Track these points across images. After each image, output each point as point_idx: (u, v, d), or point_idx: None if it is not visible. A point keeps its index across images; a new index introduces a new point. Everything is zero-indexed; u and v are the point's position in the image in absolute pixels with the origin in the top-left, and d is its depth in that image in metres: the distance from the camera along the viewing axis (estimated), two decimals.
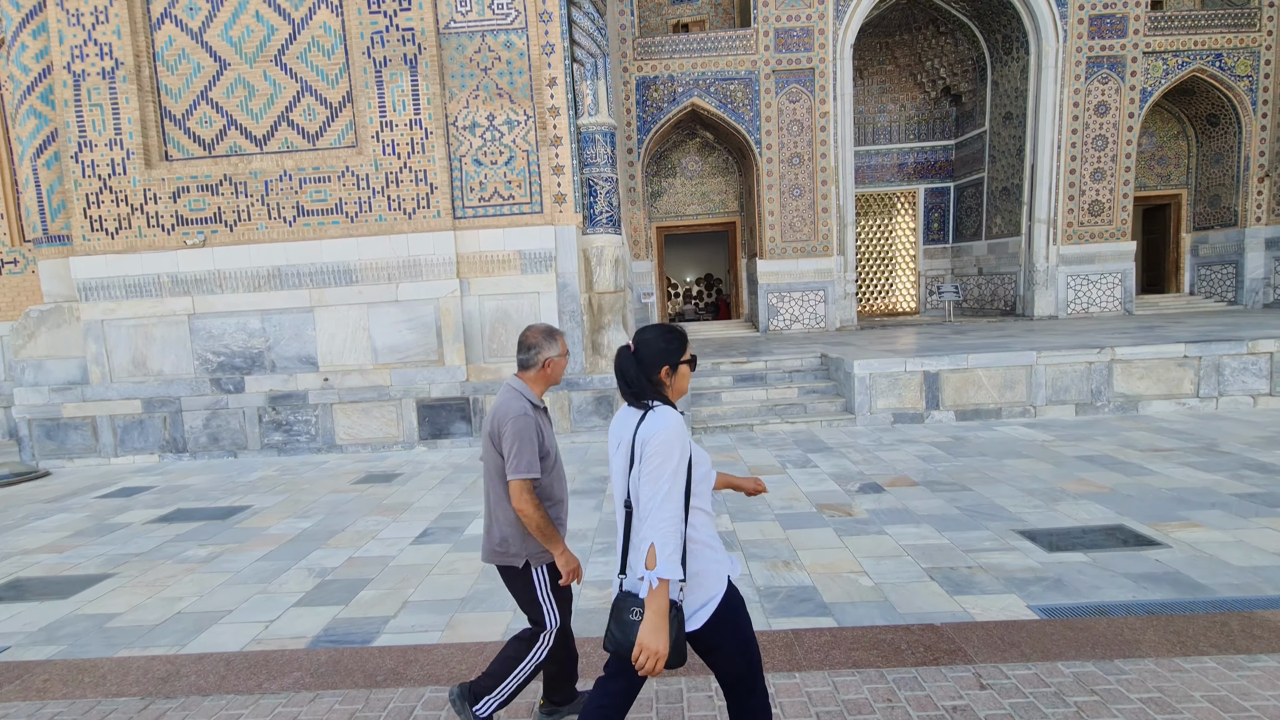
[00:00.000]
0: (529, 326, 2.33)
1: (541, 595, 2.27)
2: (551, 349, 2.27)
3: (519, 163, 7.91)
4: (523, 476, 2.09)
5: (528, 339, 2.27)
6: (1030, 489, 5.27)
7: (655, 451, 1.69)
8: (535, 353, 2.25)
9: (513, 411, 2.14)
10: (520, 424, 2.12)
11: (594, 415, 8.04)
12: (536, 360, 2.25)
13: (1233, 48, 14.82)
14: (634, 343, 1.87)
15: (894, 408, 8.16)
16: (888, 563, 3.97)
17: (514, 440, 2.11)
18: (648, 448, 1.71)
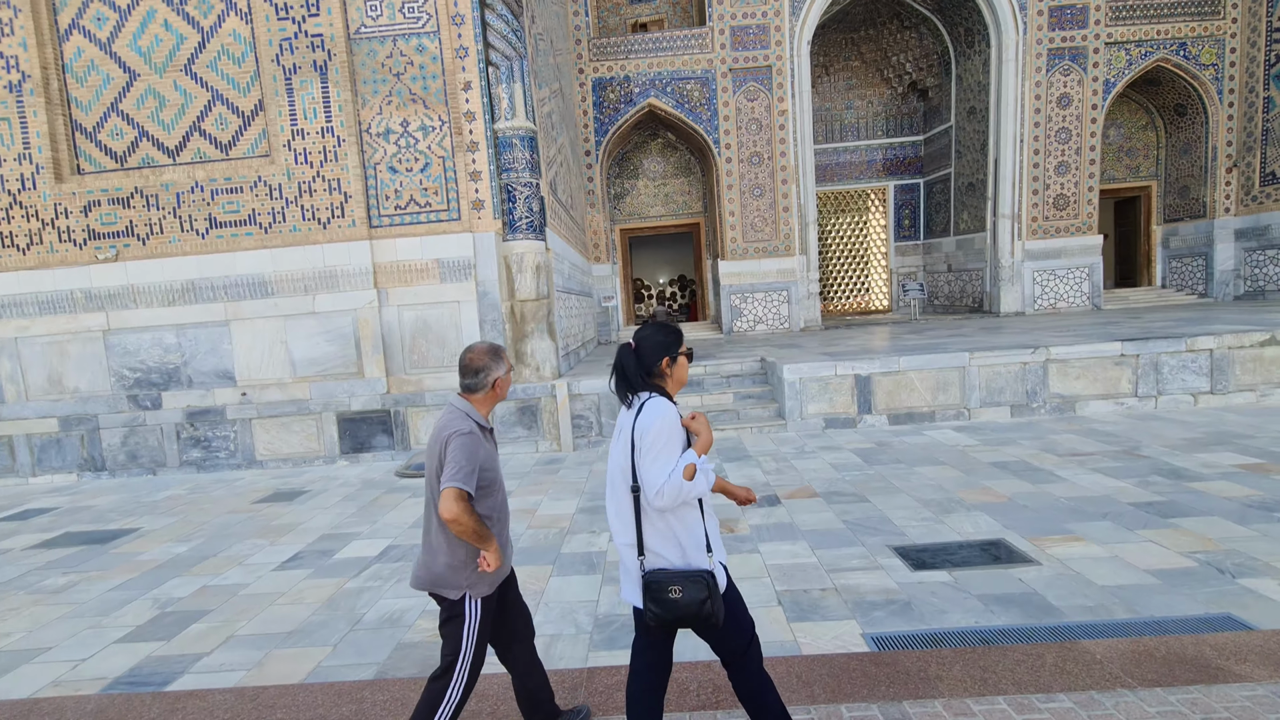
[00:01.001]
0: (470, 348, 2.25)
1: (466, 633, 2.14)
2: (499, 368, 2.22)
3: (435, 169, 7.73)
4: (458, 485, 2.00)
5: (474, 362, 2.20)
6: (929, 499, 5.08)
7: (654, 440, 1.87)
8: (484, 375, 2.19)
9: (458, 428, 2.09)
10: (466, 440, 2.06)
11: (517, 426, 7.86)
12: (486, 383, 2.20)
13: (1197, 36, 14.59)
14: (634, 340, 2.04)
15: (826, 413, 7.97)
16: (744, 586, 3.78)
17: (455, 453, 2.04)
18: (646, 437, 1.87)
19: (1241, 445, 5.97)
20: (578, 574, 4.13)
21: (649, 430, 1.90)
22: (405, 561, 4.56)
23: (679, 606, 1.89)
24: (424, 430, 7.88)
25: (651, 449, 1.89)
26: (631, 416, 1.98)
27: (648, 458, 1.88)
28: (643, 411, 1.94)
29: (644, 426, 1.91)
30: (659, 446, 1.89)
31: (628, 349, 2.04)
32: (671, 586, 1.89)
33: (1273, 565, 3.56)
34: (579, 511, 5.43)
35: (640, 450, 1.90)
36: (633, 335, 2.05)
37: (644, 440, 1.89)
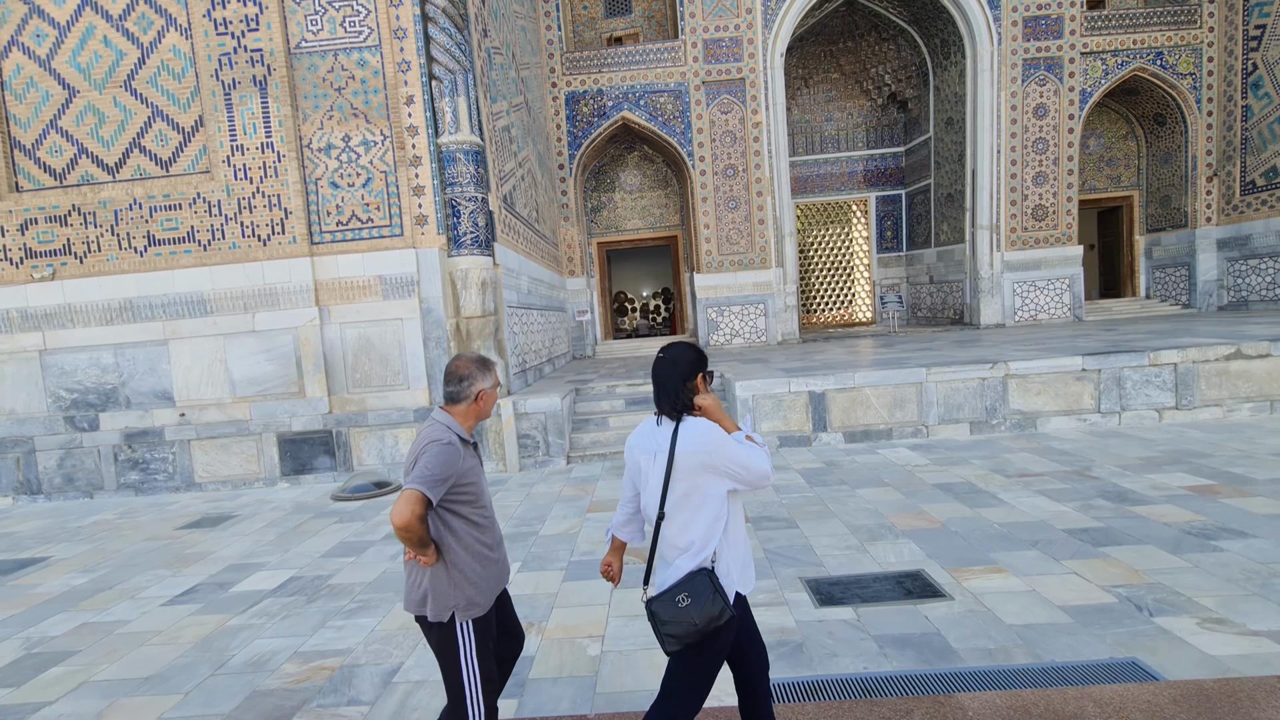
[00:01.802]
0: (457, 356, 2.17)
1: (465, 659, 1.99)
2: (484, 380, 2.10)
3: (377, 184, 7.59)
4: (418, 488, 1.86)
5: (459, 370, 2.08)
6: (860, 525, 4.85)
7: (725, 443, 1.87)
8: (467, 384, 2.07)
9: (437, 440, 1.96)
10: (443, 451, 1.93)
11: None
12: (469, 393, 2.07)
13: (1174, 45, 14.48)
14: (665, 354, 2.00)
15: (780, 430, 7.74)
16: (636, 624, 3.55)
17: (426, 462, 1.91)
18: (717, 455, 1.85)
19: (1196, 465, 5.73)
20: None
21: (712, 439, 1.87)
22: (301, 596, 4.34)
23: (694, 616, 1.82)
24: (366, 451, 7.67)
25: (733, 449, 1.87)
26: (667, 435, 1.94)
27: (737, 456, 1.87)
28: (687, 434, 1.90)
29: (706, 449, 1.87)
30: (733, 444, 1.89)
31: (667, 362, 1.99)
32: (679, 596, 1.85)
33: (1195, 601, 3.32)
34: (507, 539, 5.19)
35: (724, 459, 1.86)
36: (663, 350, 2.03)
37: (720, 451, 1.87)
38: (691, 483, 1.90)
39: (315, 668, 3.35)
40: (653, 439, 2.00)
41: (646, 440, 2.02)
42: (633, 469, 2.10)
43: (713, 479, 1.89)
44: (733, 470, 1.88)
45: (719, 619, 1.84)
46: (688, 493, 1.90)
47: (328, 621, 3.90)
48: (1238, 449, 6.15)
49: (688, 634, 1.84)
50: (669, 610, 1.86)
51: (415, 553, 1.94)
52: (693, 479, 1.89)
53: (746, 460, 1.88)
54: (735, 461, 1.87)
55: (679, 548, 1.93)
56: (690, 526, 1.91)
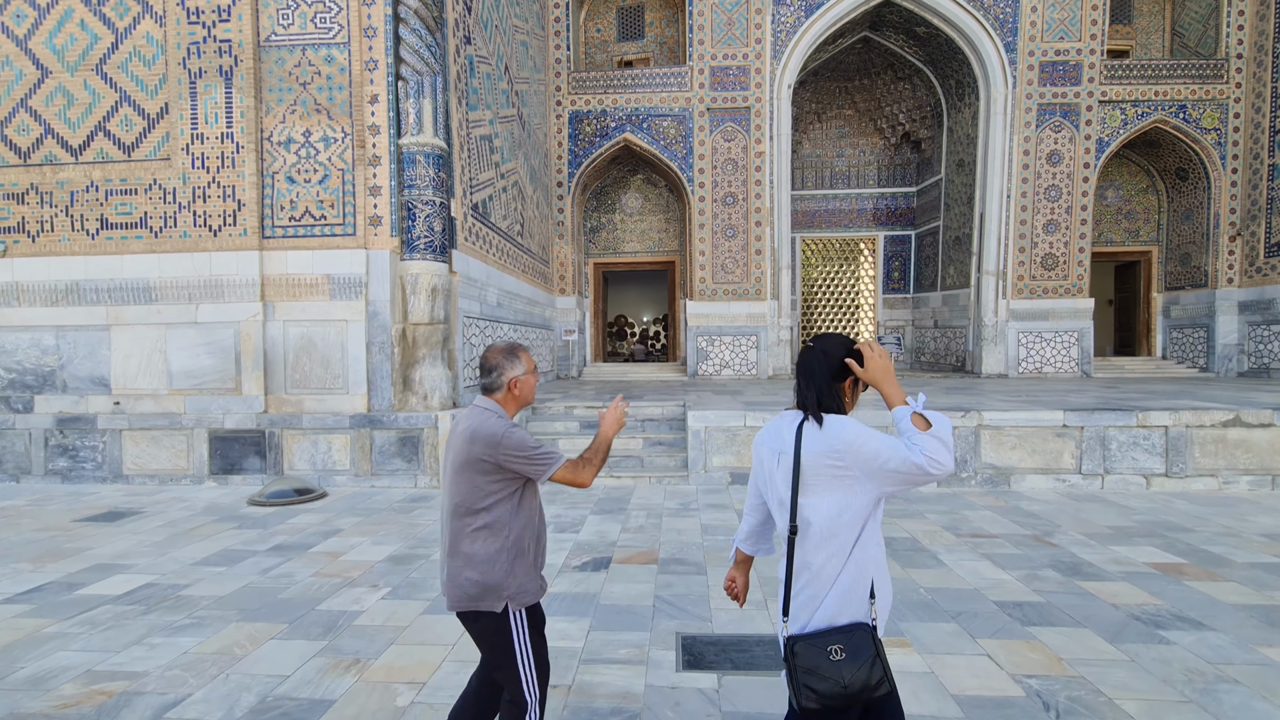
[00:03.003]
0: (488, 347, 2.15)
1: (519, 647, 1.97)
2: (515, 367, 2.07)
3: (334, 181, 7.40)
4: (552, 467, 1.96)
5: (488, 360, 2.08)
6: (774, 576, 4.34)
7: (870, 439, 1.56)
8: (498, 374, 2.06)
9: (498, 427, 1.93)
10: (514, 433, 1.94)
11: (397, 458, 7.29)
12: (500, 382, 2.06)
13: (1198, 99, 13.96)
14: (816, 344, 1.73)
15: (732, 466, 7.26)
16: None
17: (518, 446, 1.93)
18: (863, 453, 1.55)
19: (1171, 540, 5.12)
20: (298, 638, 3.49)
21: (858, 438, 1.56)
22: (141, 605, 3.96)
23: (846, 675, 1.53)
24: (298, 455, 7.35)
25: (880, 445, 1.54)
26: (793, 439, 1.65)
27: (894, 452, 1.52)
28: (831, 431, 1.60)
29: (842, 448, 1.57)
30: (879, 438, 1.56)
31: (820, 354, 1.70)
32: (831, 646, 1.55)
33: (1116, 705, 2.78)
34: (387, 560, 4.80)
35: (879, 460, 1.54)
36: (813, 341, 1.76)
37: (864, 449, 1.55)
38: (828, 489, 1.60)
39: (94, 691, 2.96)
40: (780, 436, 1.72)
41: (774, 437, 1.75)
42: (759, 472, 1.83)
43: (850, 487, 1.58)
44: (876, 470, 1.54)
45: (875, 689, 1.55)
46: (828, 504, 1.60)
47: (148, 637, 3.51)
48: (1223, 526, 5.52)
49: (833, 694, 1.54)
50: (815, 658, 1.56)
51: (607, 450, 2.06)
52: (829, 485, 1.60)
53: (908, 450, 1.50)
54: (877, 460, 1.53)
55: (818, 571, 1.62)
56: (825, 545, 1.62)
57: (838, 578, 1.61)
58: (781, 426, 1.73)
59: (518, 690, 1.97)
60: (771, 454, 1.74)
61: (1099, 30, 13.78)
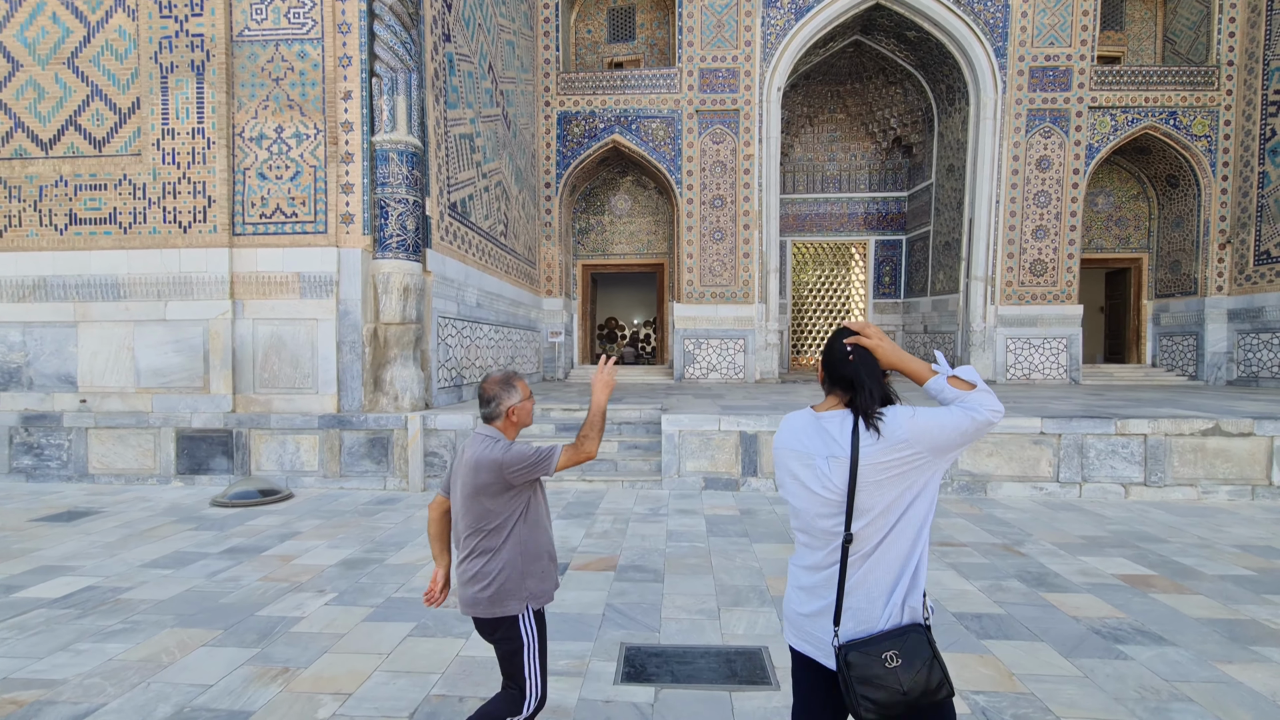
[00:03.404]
0: (486, 377, 2.25)
1: (528, 648, 2.12)
2: (511, 396, 2.20)
3: (305, 178, 7.31)
4: (557, 457, 2.12)
5: (486, 391, 2.20)
6: (731, 586, 4.24)
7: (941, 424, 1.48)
8: (496, 404, 2.19)
9: (497, 453, 2.07)
10: (513, 450, 2.09)
11: (366, 459, 7.18)
12: (499, 411, 2.19)
13: (1188, 106, 13.92)
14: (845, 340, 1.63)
15: (706, 471, 7.16)
16: (402, 680, 3.00)
17: (519, 459, 2.08)
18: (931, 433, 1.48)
19: (1142, 551, 5.02)
20: (231, 645, 3.38)
21: (920, 421, 1.49)
22: (76, 609, 3.85)
23: (904, 681, 1.46)
24: (266, 456, 7.24)
25: (943, 419, 1.49)
26: (844, 437, 1.54)
27: (958, 420, 1.48)
28: (891, 424, 1.51)
29: (913, 429, 1.49)
30: (937, 414, 1.50)
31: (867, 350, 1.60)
32: (885, 652, 1.48)
33: None
34: (339, 564, 4.69)
35: (949, 432, 1.48)
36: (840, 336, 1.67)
37: (931, 430, 1.48)
38: (891, 486, 1.51)
39: (4, 701, 2.85)
40: (818, 439, 1.58)
41: (807, 439, 1.61)
42: (785, 478, 1.67)
43: (918, 473, 1.51)
44: (946, 443, 1.49)
45: (936, 693, 1.48)
46: (887, 500, 1.52)
47: (75, 643, 3.40)
48: (1198, 537, 5.42)
49: (893, 703, 1.47)
50: (871, 667, 1.47)
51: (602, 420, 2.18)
52: (893, 481, 1.51)
53: (957, 423, 1.47)
54: (946, 433, 1.48)
55: (869, 574, 1.54)
56: (881, 546, 1.54)
57: (894, 579, 1.53)
58: (813, 426, 1.60)
59: (521, 682, 2.12)
60: (804, 458, 1.59)
61: (1089, 36, 13.73)
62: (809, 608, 1.61)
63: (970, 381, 1.52)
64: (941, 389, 1.55)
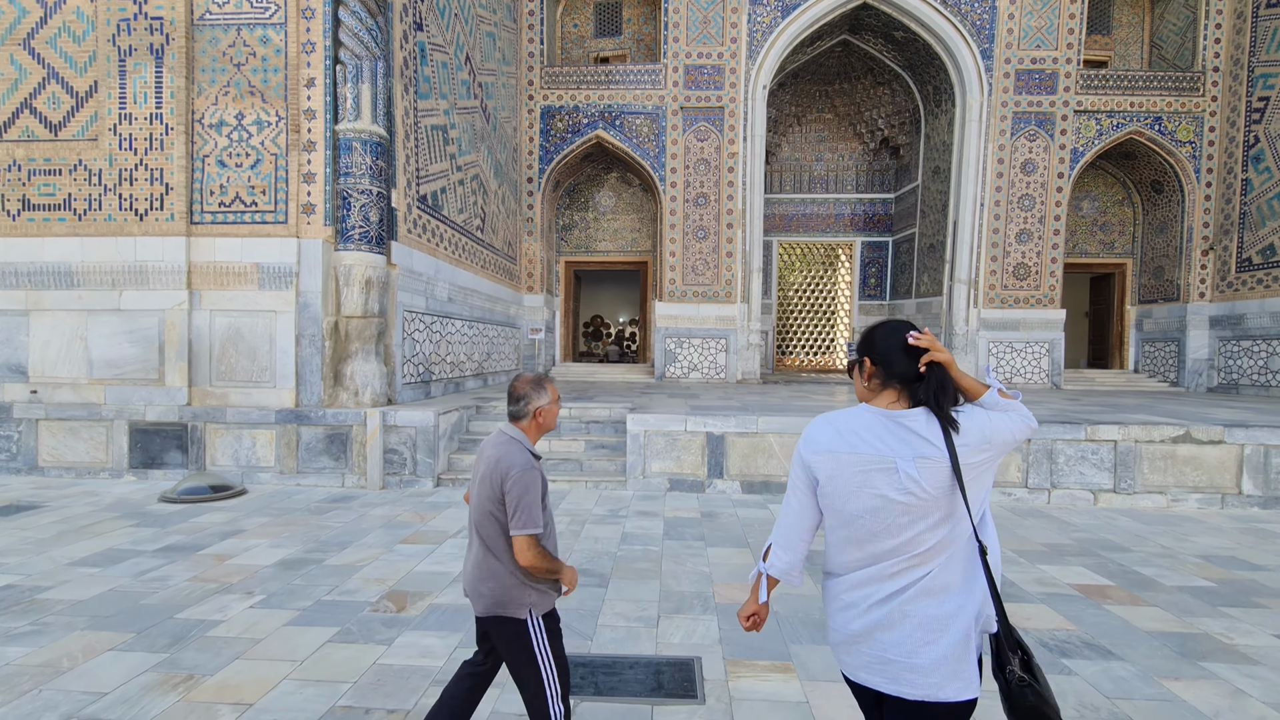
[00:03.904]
0: (517, 376, 2.28)
1: (539, 650, 2.11)
2: (540, 397, 2.19)
3: (266, 167, 7.13)
4: (529, 532, 2.03)
5: (516, 389, 2.20)
6: (676, 592, 4.12)
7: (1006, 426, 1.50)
8: (525, 403, 2.18)
9: (519, 463, 2.07)
10: (528, 477, 2.05)
11: (324, 455, 7.01)
12: (527, 410, 2.18)
13: (1173, 112, 13.88)
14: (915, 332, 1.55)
15: (671, 472, 7.03)
16: (310, 689, 2.86)
17: (521, 494, 2.03)
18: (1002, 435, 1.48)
19: (1104, 560, 4.92)
20: (140, 649, 3.22)
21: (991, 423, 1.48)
22: None
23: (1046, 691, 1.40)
24: (221, 451, 7.07)
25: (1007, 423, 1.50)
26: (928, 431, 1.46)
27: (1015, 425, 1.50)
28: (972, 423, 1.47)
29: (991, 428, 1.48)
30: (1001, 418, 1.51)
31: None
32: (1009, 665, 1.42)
33: None
34: (276, 564, 4.53)
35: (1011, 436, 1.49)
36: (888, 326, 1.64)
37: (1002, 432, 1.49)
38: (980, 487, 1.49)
39: None
40: (893, 439, 1.47)
41: (881, 441, 1.48)
42: (829, 484, 1.53)
43: (990, 469, 1.50)
44: (1006, 447, 1.50)
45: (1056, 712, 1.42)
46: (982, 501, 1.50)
47: None
48: (1163, 546, 5.33)
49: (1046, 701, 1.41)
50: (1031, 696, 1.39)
51: (565, 582, 2.15)
52: (981, 482, 1.49)
53: (1016, 427, 1.51)
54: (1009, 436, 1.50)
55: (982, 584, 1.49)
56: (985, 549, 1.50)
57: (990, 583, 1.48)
58: (888, 425, 1.49)
59: (540, 691, 2.09)
60: (880, 462, 1.46)
61: (1076, 40, 13.67)
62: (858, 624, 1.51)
63: (1008, 394, 1.55)
64: (996, 403, 1.53)
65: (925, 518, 1.44)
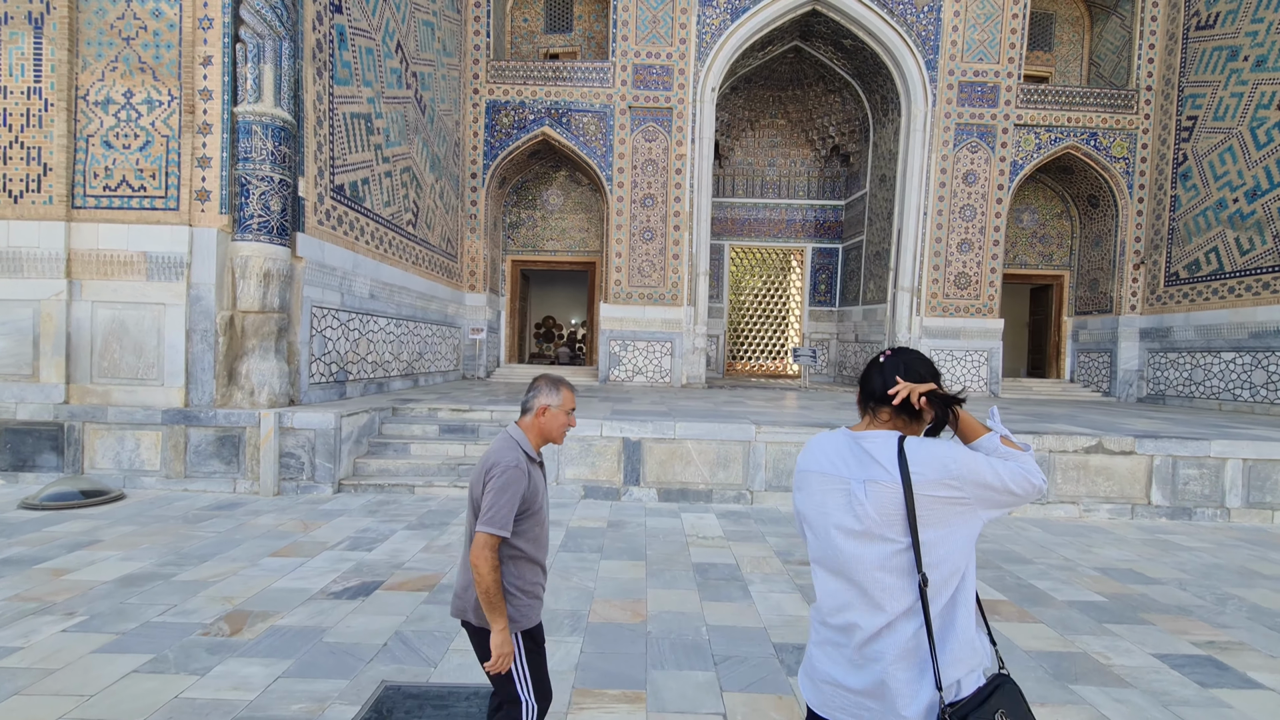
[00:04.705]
0: (542, 374, 2.15)
1: (516, 664, 2.00)
2: (550, 396, 2.07)
3: (157, 149, 6.67)
4: (491, 531, 1.89)
5: (534, 382, 2.12)
6: (551, 610, 3.85)
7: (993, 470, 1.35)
8: (532, 396, 2.08)
9: (504, 461, 1.96)
10: (509, 476, 1.93)
11: (214, 459, 6.56)
12: (532, 405, 2.07)
13: (1109, 128, 14.22)
14: (897, 355, 1.53)
15: (586, 479, 6.77)
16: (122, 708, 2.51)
17: (497, 492, 1.91)
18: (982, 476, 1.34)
19: (1003, 573, 4.84)
20: None
21: (972, 461, 1.36)
22: None
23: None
24: (102, 453, 6.56)
25: (997, 467, 1.36)
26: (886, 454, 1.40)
27: (1011, 473, 1.35)
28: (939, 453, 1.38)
29: (963, 463, 1.36)
30: (989, 461, 1.37)
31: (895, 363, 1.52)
32: (997, 710, 1.33)
33: None
34: (117, 580, 4.13)
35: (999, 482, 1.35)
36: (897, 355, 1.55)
37: (981, 473, 1.35)
38: (946, 521, 1.36)
39: None
40: (852, 459, 1.44)
41: (841, 460, 1.45)
42: (801, 503, 1.53)
43: (965, 515, 1.36)
44: (992, 495, 1.35)
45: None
46: (952, 538, 1.37)
47: None
48: (1065, 558, 5.28)
49: None
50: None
51: (485, 610, 1.92)
52: (945, 516, 1.36)
53: (1008, 470, 1.35)
54: (997, 483, 1.34)
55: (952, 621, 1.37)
56: (950, 587, 1.38)
57: (968, 624, 1.38)
58: (848, 446, 1.45)
59: (515, 713, 2.02)
60: (838, 483, 1.43)
61: (1017, 54, 13.91)
62: (854, 680, 1.39)
63: (1017, 444, 1.44)
64: (995, 449, 1.41)
65: (874, 547, 1.36)
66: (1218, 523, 6.59)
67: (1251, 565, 5.21)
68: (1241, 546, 5.76)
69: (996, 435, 1.44)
